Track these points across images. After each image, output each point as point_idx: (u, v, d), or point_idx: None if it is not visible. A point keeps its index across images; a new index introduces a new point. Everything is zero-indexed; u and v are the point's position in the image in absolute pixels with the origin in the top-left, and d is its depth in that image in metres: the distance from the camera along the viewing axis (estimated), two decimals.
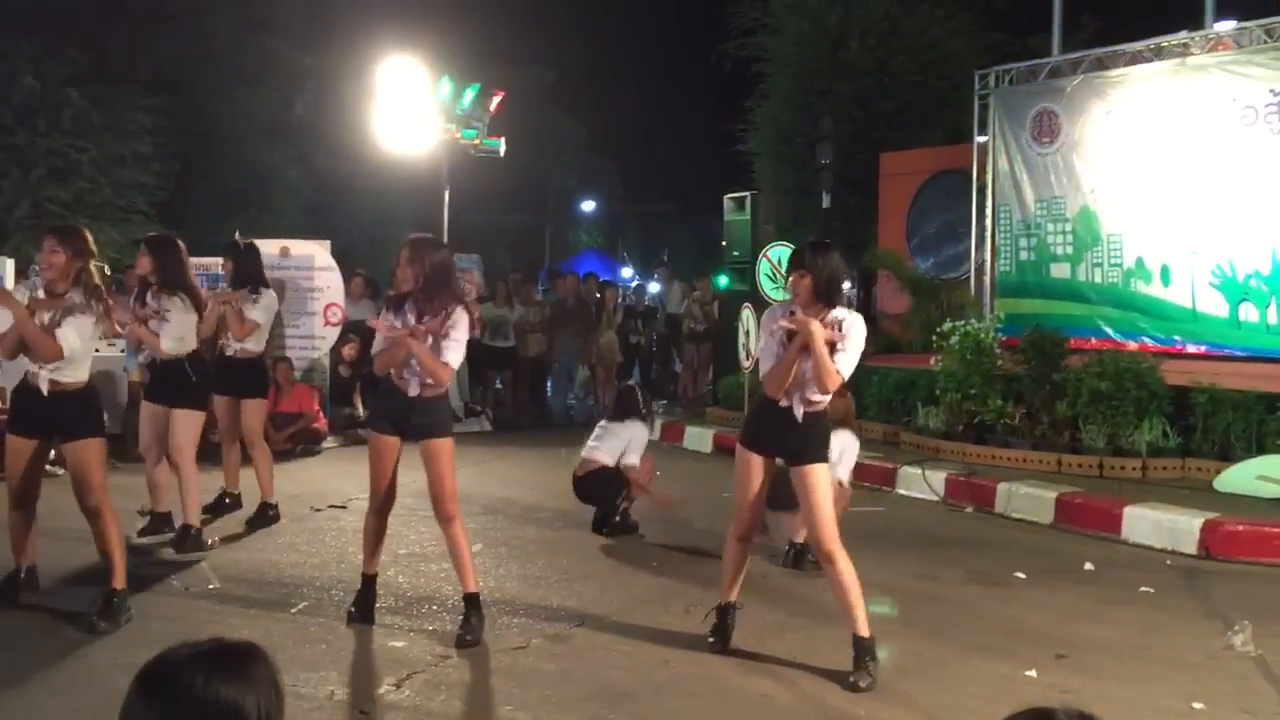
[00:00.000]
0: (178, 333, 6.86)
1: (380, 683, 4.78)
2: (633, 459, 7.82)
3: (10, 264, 12.34)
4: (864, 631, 4.88)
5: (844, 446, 6.92)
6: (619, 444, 7.87)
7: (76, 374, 5.54)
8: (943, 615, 5.92)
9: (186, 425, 6.98)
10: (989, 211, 12.63)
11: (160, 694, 1.68)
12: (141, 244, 7.47)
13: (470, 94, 14.15)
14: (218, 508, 7.91)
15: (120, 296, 13.18)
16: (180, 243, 7.21)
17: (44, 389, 5.47)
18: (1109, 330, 11.48)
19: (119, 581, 5.53)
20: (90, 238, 5.71)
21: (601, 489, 7.86)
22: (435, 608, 5.90)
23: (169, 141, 17.39)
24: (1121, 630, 5.72)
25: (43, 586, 5.97)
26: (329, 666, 4.94)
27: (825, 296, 4.95)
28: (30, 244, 15.76)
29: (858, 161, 16.12)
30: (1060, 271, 11.95)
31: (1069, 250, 11.90)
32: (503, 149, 14.70)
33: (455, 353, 5.42)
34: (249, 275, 7.90)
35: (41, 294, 5.52)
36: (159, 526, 7.25)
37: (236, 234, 8.43)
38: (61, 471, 9.55)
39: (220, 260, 12.35)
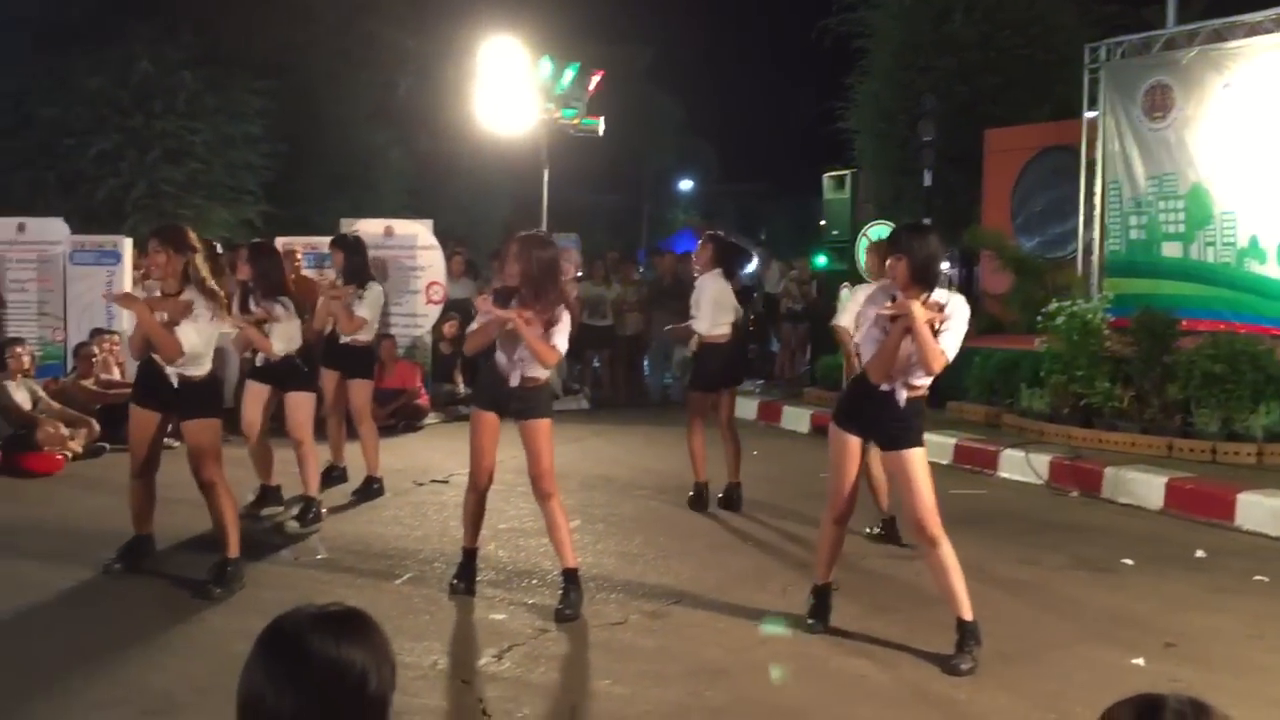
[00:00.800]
0: (285, 335, 7.09)
1: (481, 654, 4.87)
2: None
3: (129, 243, 12.79)
4: (968, 615, 4.82)
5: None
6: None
7: (201, 367, 5.84)
8: (1047, 601, 5.82)
9: (301, 405, 7.25)
10: (1098, 189, 12.29)
11: (285, 652, 1.73)
12: (244, 250, 7.74)
13: (569, 74, 14.22)
14: (324, 481, 8.13)
15: (229, 277, 13.62)
16: (278, 250, 7.53)
17: (174, 383, 5.73)
18: (1222, 311, 11.10)
19: (233, 550, 5.74)
20: (192, 234, 5.91)
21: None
22: (535, 582, 5.99)
23: (277, 123, 17.79)
24: (1234, 619, 5.56)
25: (160, 553, 6.21)
26: (432, 637, 5.05)
27: (922, 279, 4.85)
28: (146, 224, 16.30)
29: (961, 138, 15.78)
30: (1172, 250, 11.58)
31: (1180, 229, 11.52)
32: (601, 128, 14.76)
33: (563, 337, 5.47)
34: (357, 270, 8.01)
35: (158, 294, 5.75)
36: (266, 500, 7.48)
37: (343, 226, 8.68)
38: (178, 444, 9.93)
39: (326, 239, 12.71)
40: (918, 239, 4.91)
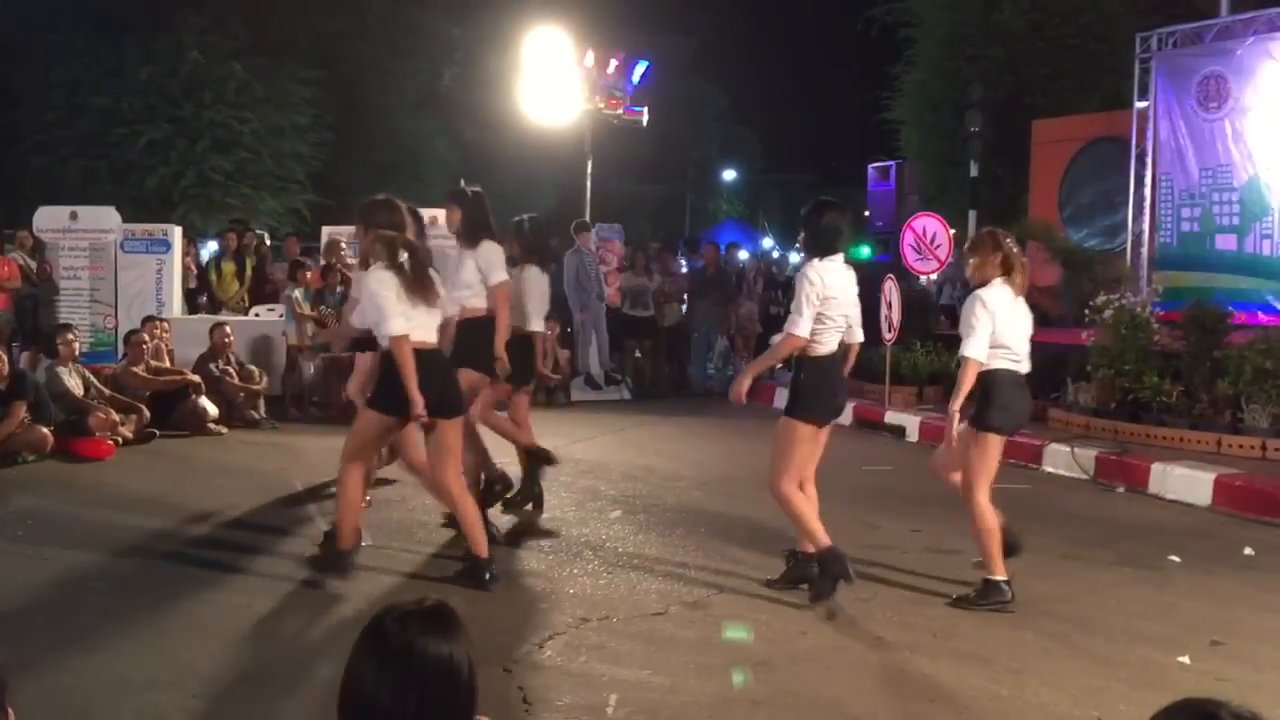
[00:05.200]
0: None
1: (523, 643, 4.90)
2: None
3: (178, 231, 12.97)
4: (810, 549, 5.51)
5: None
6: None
7: None
8: (1092, 597, 5.76)
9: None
10: (1148, 180, 12.13)
11: (396, 652, 1.81)
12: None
13: (614, 64, 14.23)
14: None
15: (278, 264, 13.74)
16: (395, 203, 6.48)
17: None
18: (1277, 305, 10.93)
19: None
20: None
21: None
22: (575, 571, 6.02)
23: (324, 112, 17.95)
24: None
25: (207, 539, 6.29)
26: (473, 625, 5.06)
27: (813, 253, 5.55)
28: (196, 212, 16.54)
29: (1008, 129, 15.64)
30: (1225, 243, 11.41)
31: (1235, 221, 11.35)
32: (645, 118, 14.75)
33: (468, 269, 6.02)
34: (476, 225, 6.87)
35: None
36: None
37: (462, 181, 8.03)
38: (225, 431, 10.07)
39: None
40: (810, 214, 5.68)
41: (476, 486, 6.75)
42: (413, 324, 5.42)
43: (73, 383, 9.40)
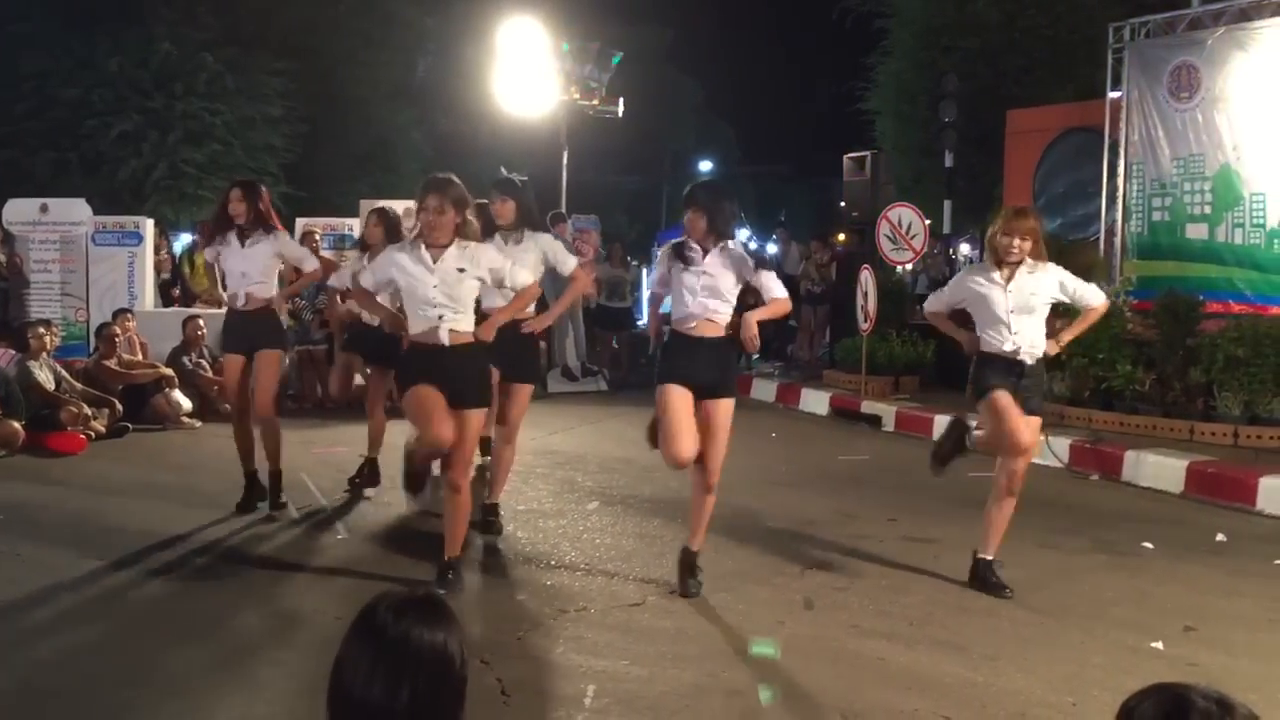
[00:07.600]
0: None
1: (500, 635, 4.89)
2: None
3: (150, 223, 12.86)
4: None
5: None
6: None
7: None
8: (1066, 584, 5.80)
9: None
10: (1121, 170, 12.19)
11: (389, 641, 1.82)
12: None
13: (589, 55, 14.19)
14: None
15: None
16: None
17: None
18: (1249, 294, 11.01)
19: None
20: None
21: None
22: (553, 563, 6.01)
23: (297, 104, 17.80)
24: (1254, 604, 5.53)
25: (180, 537, 6.24)
26: None
27: (715, 229, 5.50)
28: (168, 204, 16.39)
29: (983, 119, 15.68)
30: (1197, 232, 11.48)
31: (1207, 210, 11.42)
32: (621, 110, 14.73)
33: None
34: (527, 217, 6.65)
35: None
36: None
37: (363, 208, 8.31)
38: (199, 424, 10.01)
39: (345, 220, 12.71)
40: (711, 194, 5.60)
41: None
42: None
43: (44, 377, 9.31)
